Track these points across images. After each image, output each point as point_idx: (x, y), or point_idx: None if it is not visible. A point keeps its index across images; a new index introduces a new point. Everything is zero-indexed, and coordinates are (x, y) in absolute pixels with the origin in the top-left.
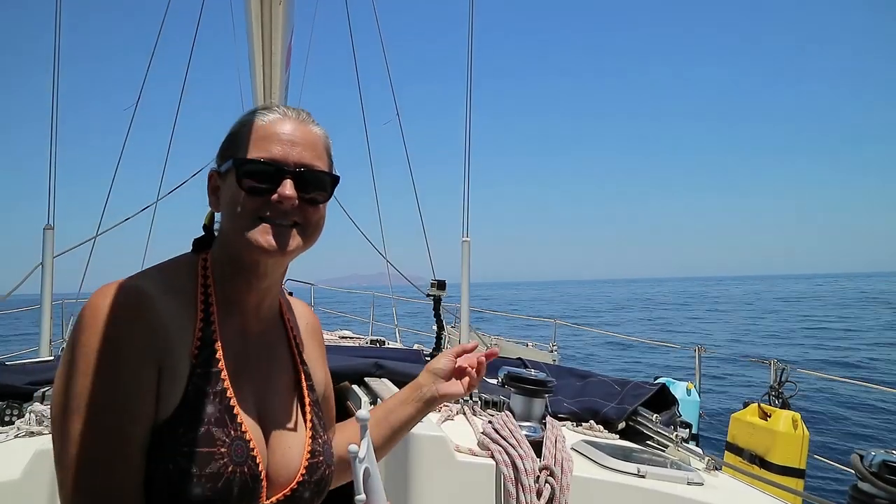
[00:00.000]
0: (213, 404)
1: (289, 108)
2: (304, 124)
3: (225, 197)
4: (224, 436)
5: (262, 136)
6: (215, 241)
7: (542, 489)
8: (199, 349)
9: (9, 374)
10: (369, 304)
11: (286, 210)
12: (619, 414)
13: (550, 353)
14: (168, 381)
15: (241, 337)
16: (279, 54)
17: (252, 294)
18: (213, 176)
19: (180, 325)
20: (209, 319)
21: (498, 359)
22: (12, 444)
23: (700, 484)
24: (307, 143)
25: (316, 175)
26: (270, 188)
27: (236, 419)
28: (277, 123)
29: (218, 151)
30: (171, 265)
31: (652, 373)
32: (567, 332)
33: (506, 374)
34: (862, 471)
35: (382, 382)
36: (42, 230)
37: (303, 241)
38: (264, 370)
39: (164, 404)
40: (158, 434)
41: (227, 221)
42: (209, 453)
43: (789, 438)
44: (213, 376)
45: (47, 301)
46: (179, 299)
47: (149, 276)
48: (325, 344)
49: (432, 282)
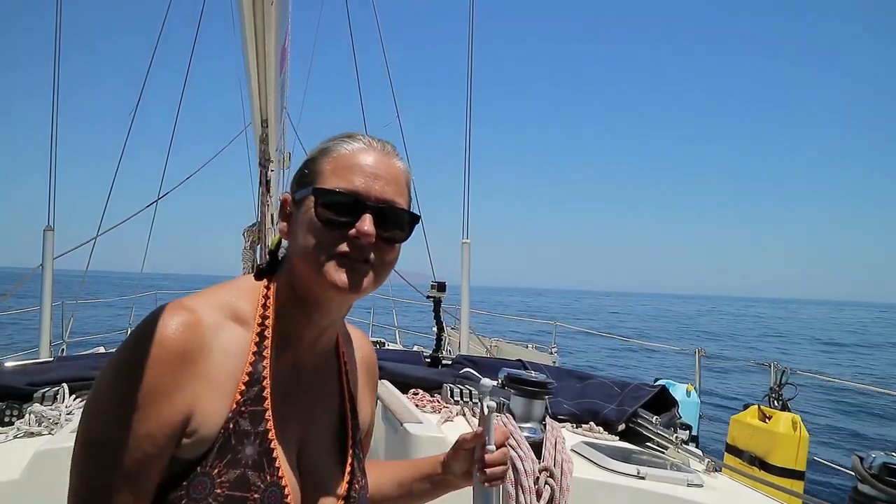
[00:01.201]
0: (253, 446)
1: (374, 138)
2: (388, 157)
3: (298, 226)
4: (259, 481)
5: (343, 165)
6: (280, 269)
7: (542, 490)
8: (247, 385)
9: (9, 375)
10: (368, 305)
11: (363, 246)
12: (619, 415)
13: (550, 355)
14: (205, 420)
15: (293, 371)
16: (272, 55)
17: (312, 329)
18: (287, 202)
19: (233, 358)
20: (262, 354)
21: (498, 360)
22: (12, 445)
23: (700, 486)
24: (390, 177)
25: (397, 212)
26: (349, 222)
27: (274, 463)
28: (360, 154)
29: (294, 176)
30: (234, 289)
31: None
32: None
33: (505, 376)
34: (862, 473)
35: (382, 383)
36: (42, 231)
37: (374, 280)
38: (310, 406)
39: (196, 442)
40: (191, 471)
41: (299, 252)
42: (242, 498)
43: (789, 440)
44: (257, 415)
45: (47, 302)
46: (237, 329)
47: (211, 301)
48: None
49: (432, 283)
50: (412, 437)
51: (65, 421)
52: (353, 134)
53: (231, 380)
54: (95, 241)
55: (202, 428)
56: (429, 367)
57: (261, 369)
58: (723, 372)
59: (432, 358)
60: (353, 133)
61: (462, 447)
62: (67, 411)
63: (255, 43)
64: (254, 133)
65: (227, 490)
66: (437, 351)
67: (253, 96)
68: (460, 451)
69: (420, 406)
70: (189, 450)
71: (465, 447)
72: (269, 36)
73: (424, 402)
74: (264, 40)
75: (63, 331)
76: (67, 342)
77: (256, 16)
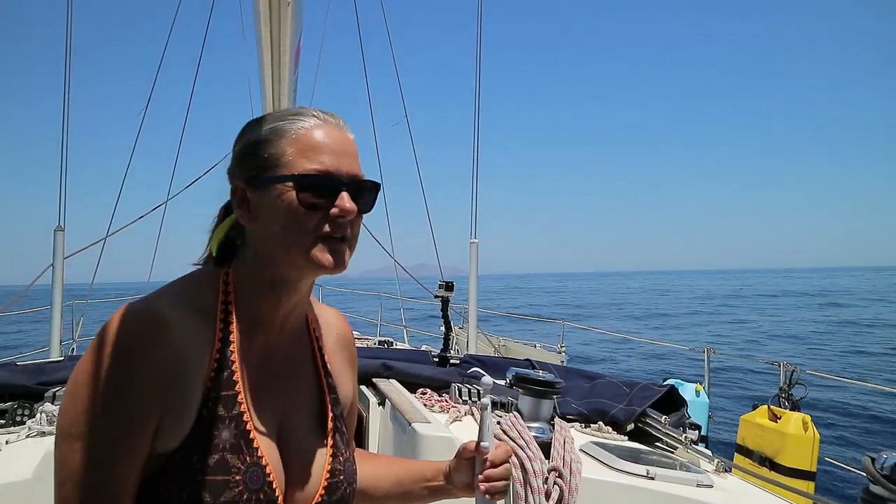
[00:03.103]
0: (229, 429)
1: (324, 112)
2: (343, 131)
3: (269, 211)
4: (239, 462)
5: (307, 146)
6: (240, 255)
7: (551, 491)
8: (216, 371)
9: (20, 375)
10: (377, 304)
11: (343, 224)
12: (627, 415)
13: (558, 355)
14: (178, 411)
15: (264, 354)
16: (287, 54)
17: (279, 310)
18: (241, 188)
19: (198, 348)
20: (227, 339)
21: (506, 360)
22: (24, 444)
23: (709, 486)
24: (351, 151)
25: (365, 185)
26: (328, 202)
27: (252, 444)
28: (320, 131)
29: (239, 158)
30: (195, 281)
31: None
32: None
33: (514, 376)
34: (874, 473)
35: (390, 383)
36: (53, 231)
37: (350, 254)
38: (286, 386)
39: (172, 434)
40: (171, 461)
41: (273, 238)
42: (224, 481)
43: (799, 440)
44: (228, 400)
45: (58, 302)
46: (200, 319)
47: (172, 295)
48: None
49: (440, 283)
50: (421, 437)
51: None
52: (301, 110)
53: (200, 369)
54: (105, 242)
55: (176, 421)
56: (437, 367)
57: (228, 354)
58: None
59: (440, 357)
60: (301, 109)
61: (463, 456)
62: None
63: (271, 42)
64: None
65: (209, 475)
66: (444, 350)
67: (266, 96)
68: (462, 462)
69: (428, 406)
70: (165, 442)
71: (465, 456)
72: (285, 35)
73: (433, 401)
74: (279, 39)
75: (73, 330)
76: (77, 341)
77: (272, 15)
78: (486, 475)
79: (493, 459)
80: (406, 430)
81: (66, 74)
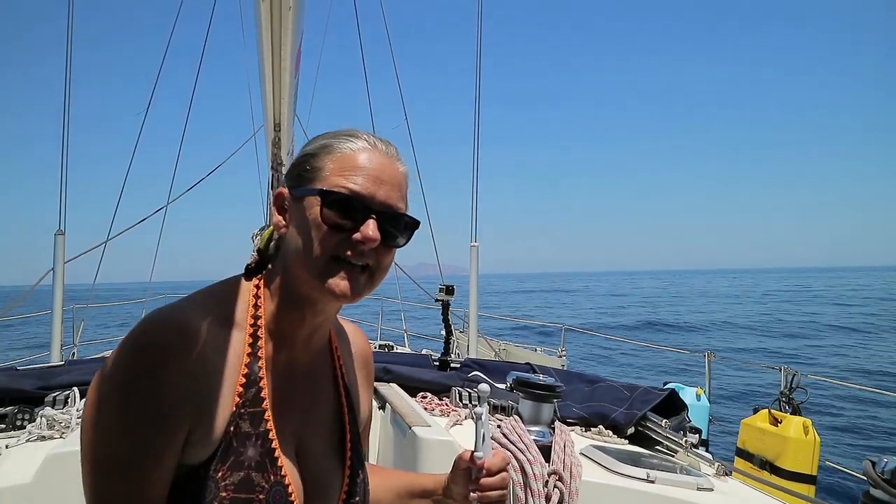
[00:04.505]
0: (255, 447)
1: (377, 138)
2: (391, 160)
3: (297, 225)
4: (264, 481)
5: (347, 165)
6: (272, 267)
7: (551, 494)
8: (245, 387)
9: (21, 379)
10: (377, 308)
11: (363, 251)
12: (628, 419)
13: (559, 359)
14: (207, 423)
15: (288, 370)
16: (288, 59)
17: (304, 327)
18: (284, 196)
19: (227, 361)
20: (256, 354)
21: (506, 364)
22: (24, 448)
23: (710, 489)
24: (394, 181)
25: (399, 218)
26: (353, 225)
27: (276, 462)
28: (364, 154)
29: (292, 170)
30: (226, 291)
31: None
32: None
33: (514, 379)
34: (874, 477)
35: (391, 387)
36: (53, 235)
37: (370, 285)
38: (307, 404)
39: (201, 447)
40: (195, 475)
41: (297, 253)
42: (247, 500)
43: (800, 444)
44: (256, 416)
45: (58, 306)
46: (229, 331)
47: (201, 304)
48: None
49: (440, 287)
50: (421, 441)
51: (76, 425)
52: (354, 132)
53: (228, 383)
54: (105, 246)
55: (205, 433)
56: (437, 371)
57: (256, 370)
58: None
59: (441, 361)
60: (354, 130)
61: (459, 467)
62: (78, 415)
63: (272, 47)
64: (266, 137)
65: (232, 493)
66: (445, 354)
67: (266, 100)
68: (458, 472)
69: (429, 409)
70: (193, 455)
71: (461, 467)
72: (286, 40)
73: (433, 405)
74: (280, 44)
75: (74, 335)
76: (78, 346)
77: (273, 20)
78: (481, 484)
79: (490, 468)
80: (406, 433)
81: (67, 75)
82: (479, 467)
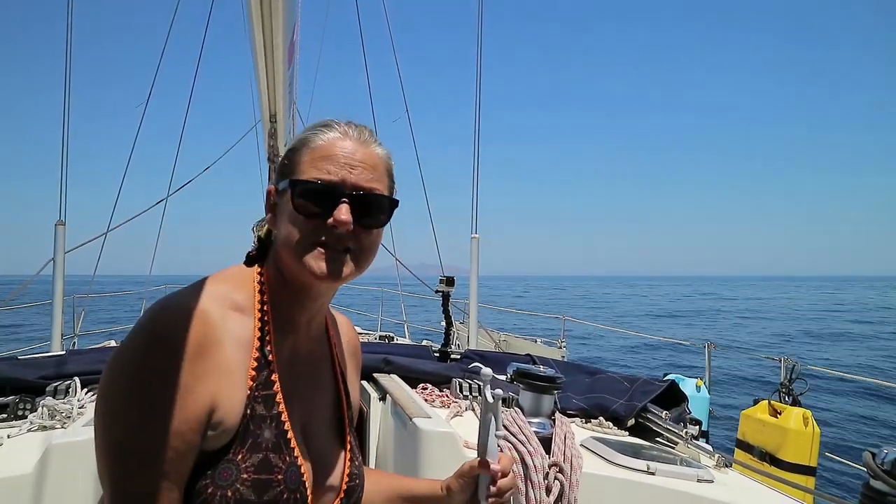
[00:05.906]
0: (270, 429)
1: (351, 125)
2: (364, 144)
3: (281, 216)
4: (281, 462)
5: (320, 155)
6: (269, 256)
7: (552, 486)
8: (257, 371)
9: (21, 369)
10: (378, 299)
11: (341, 235)
12: (628, 411)
13: (559, 350)
14: (226, 407)
15: (292, 355)
16: (280, 49)
17: (304, 313)
18: (272, 192)
19: (241, 346)
20: (265, 339)
21: (506, 355)
22: (25, 438)
23: (710, 481)
24: (367, 164)
25: (373, 199)
26: (326, 212)
27: (290, 444)
28: (337, 143)
29: (277, 167)
30: (232, 278)
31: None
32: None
33: (514, 371)
34: (874, 468)
35: (391, 378)
36: (54, 226)
37: (356, 266)
38: (309, 389)
39: (221, 432)
40: (216, 458)
41: (282, 242)
42: (268, 480)
43: (800, 435)
44: (269, 399)
45: (59, 296)
46: (239, 317)
47: (210, 290)
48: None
49: (441, 278)
50: (421, 432)
51: (77, 414)
52: (329, 122)
53: (242, 367)
54: (105, 237)
55: (225, 418)
56: (437, 362)
57: (266, 354)
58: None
59: (441, 352)
60: (329, 121)
61: (468, 475)
62: (80, 405)
63: (263, 37)
64: (263, 129)
65: (253, 474)
66: (445, 345)
67: (262, 92)
68: (464, 478)
69: (429, 401)
70: (214, 441)
71: (469, 475)
72: (277, 30)
73: (433, 396)
74: (272, 34)
75: (74, 325)
76: (79, 335)
77: (263, 10)
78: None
79: (503, 470)
80: (407, 425)
81: (67, 74)
82: (494, 476)
